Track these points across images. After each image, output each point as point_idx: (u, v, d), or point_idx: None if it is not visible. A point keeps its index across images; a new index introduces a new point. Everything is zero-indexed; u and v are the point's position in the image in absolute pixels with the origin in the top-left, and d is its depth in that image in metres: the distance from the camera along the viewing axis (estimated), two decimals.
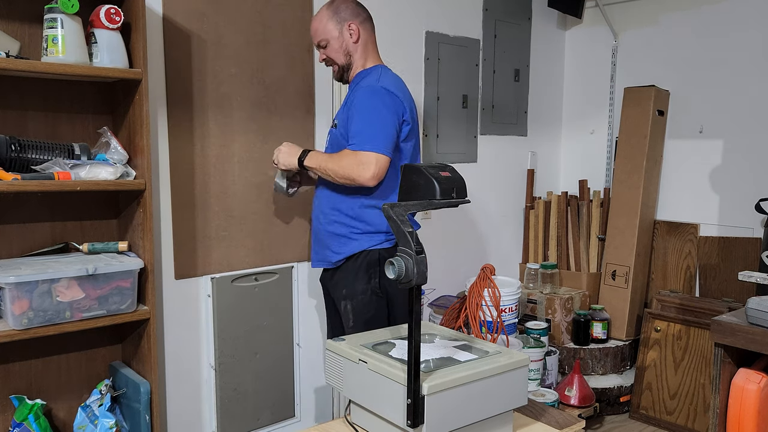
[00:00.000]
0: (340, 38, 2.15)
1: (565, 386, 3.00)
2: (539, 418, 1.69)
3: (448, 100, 3.25)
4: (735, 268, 3.18)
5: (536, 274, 3.45)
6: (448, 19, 3.21)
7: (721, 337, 2.07)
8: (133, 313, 1.99)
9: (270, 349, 2.62)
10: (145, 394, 2.02)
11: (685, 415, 3.09)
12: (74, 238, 2.12)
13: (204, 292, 2.44)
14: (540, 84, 3.79)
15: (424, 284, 1.37)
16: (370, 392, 1.50)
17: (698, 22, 3.37)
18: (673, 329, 3.18)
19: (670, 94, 3.50)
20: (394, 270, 1.32)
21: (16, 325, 1.79)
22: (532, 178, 3.79)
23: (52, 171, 1.84)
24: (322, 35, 2.17)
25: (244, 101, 2.48)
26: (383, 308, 2.13)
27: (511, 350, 1.60)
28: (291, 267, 2.67)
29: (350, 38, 2.15)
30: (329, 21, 2.15)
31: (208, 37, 2.36)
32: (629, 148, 3.45)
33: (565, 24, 3.93)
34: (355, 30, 2.15)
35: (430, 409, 1.37)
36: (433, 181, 1.44)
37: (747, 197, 3.20)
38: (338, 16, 2.14)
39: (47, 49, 1.83)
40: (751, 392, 2.04)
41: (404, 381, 1.37)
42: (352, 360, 1.55)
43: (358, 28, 2.15)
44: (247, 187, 2.52)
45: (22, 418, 1.94)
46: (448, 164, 1.56)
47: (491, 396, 1.49)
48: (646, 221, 3.45)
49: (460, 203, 1.50)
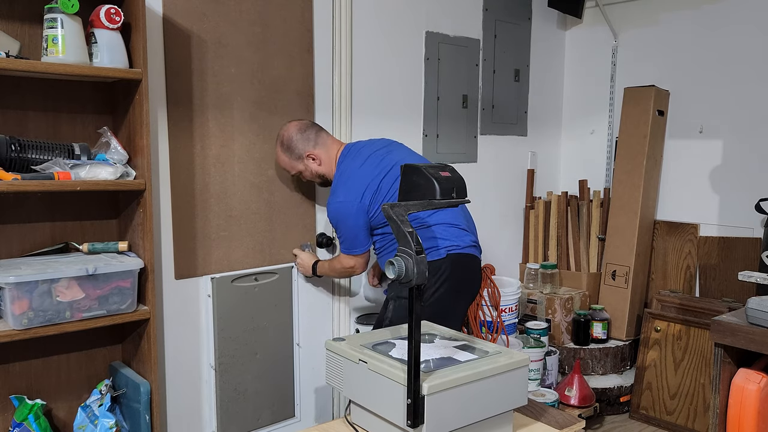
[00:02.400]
0: (308, 168, 2.41)
1: (565, 386, 3.00)
2: (539, 418, 1.69)
3: (448, 100, 3.25)
4: (735, 268, 3.18)
5: (536, 274, 3.45)
6: (448, 19, 3.21)
7: (721, 337, 2.08)
8: (133, 313, 1.99)
9: (270, 349, 2.62)
10: (145, 394, 2.02)
11: (685, 415, 3.09)
12: (74, 238, 2.11)
13: (204, 292, 2.44)
14: (540, 84, 3.79)
15: (425, 284, 1.37)
16: (370, 392, 1.50)
17: (698, 22, 3.37)
18: (673, 329, 3.18)
19: (670, 94, 3.50)
20: (394, 270, 1.32)
21: (16, 325, 1.79)
22: (532, 178, 3.79)
23: (52, 171, 1.84)
24: (292, 170, 2.45)
25: (244, 101, 2.48)
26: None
27: (511, 350, 1.60)
28: (291, 267, 2.67)
29: (314, 163, 2.40)
30: (291, 160, 2.42)
31: (208, 37, 2.36)
32: (629, 148, 3.45)
33: (565, 24, 3.93)
34: (316, 156, 2.39)
35: (430, 409, 1.37)
36: (433, 181, 1.44)
37: (747, 197, 3.20)
38: (294, 153, 2.40)
39: (47, 49, 1.83)
40: (751, 392, 2.04)
41: (404, 381, 1.37)
42: (352, 360, 1.55)
43: (317, 153, 2.39)
44: (247, 187, 2.52)
45: (22, 418, 1.94)
46: (448, 164, 1.56)
47: (491, 396, 1.49)
48: (646, 221, 3.45)
49: (460, 203, 1.50)
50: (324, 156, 2.39)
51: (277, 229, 2.62)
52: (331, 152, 2.40)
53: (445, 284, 2.17)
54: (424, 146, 3.16)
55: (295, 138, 2.39)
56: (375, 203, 2.24)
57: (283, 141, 2.41)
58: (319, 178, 2.44)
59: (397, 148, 2.40)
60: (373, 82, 2.92)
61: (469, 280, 2.27)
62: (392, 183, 2.25)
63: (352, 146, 2.40)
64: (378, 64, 2.93)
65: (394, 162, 2.29)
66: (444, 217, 2.26)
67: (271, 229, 2.60)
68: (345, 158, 2.36)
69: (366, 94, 2.90)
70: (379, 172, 2.26)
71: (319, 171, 2.40)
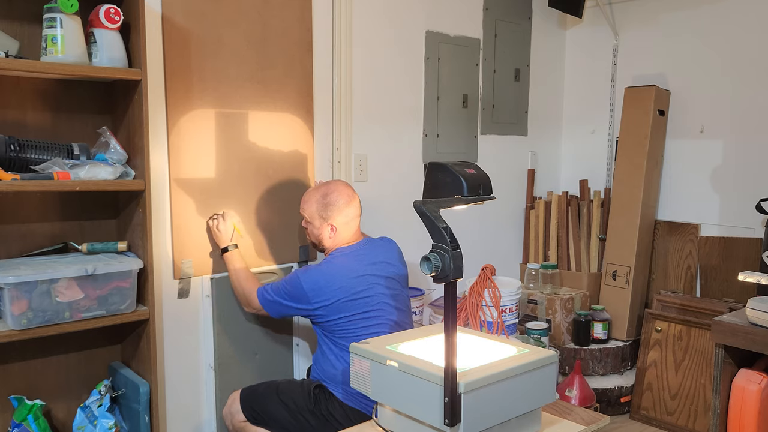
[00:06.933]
0: (321, 233, 2.30)
1: (565, 387, 3.00)
2: (565, 416, 1.70)
3: (448, 99, 3.24)
4: (736, 268, 3.17)
5: (537, 274, 3.44)
6: (448, 19, 3.21)
7: (722, 337, 2.07)
8: (132, 313, 1.99)
9: (270, 349, 2.62)
10: (145, 394, 2.01)
11: (685, 415, 3.09)
12: (73, 238, 2.11)
13: (204, 292, 2.43)
14: (540, 84, 3.79)
15: (460, 279, 1.37)
16: (401, 394, 1.49)
17: (699, 21, 3.36)
18: (673, 329, 3.17)
19: (670, 93, 3.49)
20: (430, 266, 1.32)
21: (15, 325, 1.78)
22: (532, 178, 3.79)
23: (51, 171, 1.84)
24: (308, 219, 2.32)
25: (244, 101, 2.47)
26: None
27: (537, 347, 1.60)
28: (291, 267, 2.66)
29: (329, 233, 2.29)
30: (316, 213, 2.29)
31: (208, 36, 2.36)
32: (630, 148, 3.45)
33: (566, 23, 3.93)
34: (336, 231, 2.28)
35: (467, 407, 1.36)
36: (460, 178, 1.44)
37: (748, 197, 3.19)
38: (325, 213, 2.27)
39: (46, 48, 1.83)
40: (752, 393, 2.04)
41: (439, 381, 1.36)
42: (380, 362, 1.53)
43: (340, 231, 2.28)
44: (247, 187, 2.51)
45: (21, 419, 1.93)
46: (472, 162, 1.56)
47: (523, 393, 1.49)
48: (646, 221, 3.45)
49: (486, 200, 1.50)
50: (339, 237, 2.29)
51: (276, 229, 2.61)
52: (345, 238, 2.30)
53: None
54: (424, 146, 3.16)
55: (339, 204, 2.27)
56: (325, 316, 2.18)
57: (328, 195, 2.28)
58: (319, 245, 2.34)
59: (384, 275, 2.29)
60: (373, 81, 2.92)
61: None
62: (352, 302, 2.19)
63: (355, 253, 2.28)
64: (378, 63, 2.93)
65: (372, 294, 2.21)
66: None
67: (271, 229, 2.59)
68: (346, 257, 2.25)
69: (366, 94, 2.90)
70: (351, 293, 2.18)
71: (323, 241, 2.30)
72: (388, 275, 2.28)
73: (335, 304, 2.15)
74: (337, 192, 2.29)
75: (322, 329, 2.24)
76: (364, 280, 2.20)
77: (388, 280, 2.27)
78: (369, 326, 2.17)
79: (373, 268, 2.24)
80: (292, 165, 2.65)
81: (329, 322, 2.19)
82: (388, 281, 2.27)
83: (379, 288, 2.22)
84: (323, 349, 2.25)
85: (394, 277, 2.30)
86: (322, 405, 2.15)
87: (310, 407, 2.15)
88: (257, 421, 2.21)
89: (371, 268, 2.24)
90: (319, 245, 2.34)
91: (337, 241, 2.29)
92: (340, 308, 2.16)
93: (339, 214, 2.27)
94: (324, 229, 2.28)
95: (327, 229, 2.28)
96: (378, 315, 2.20)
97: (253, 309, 2.31)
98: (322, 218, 2.28)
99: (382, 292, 2.23)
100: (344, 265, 2.21)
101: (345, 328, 2.17)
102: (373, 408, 1.68)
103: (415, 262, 1.87)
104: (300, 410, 2.15)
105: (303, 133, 2.67)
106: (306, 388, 2.21)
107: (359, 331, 2.15)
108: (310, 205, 2.30)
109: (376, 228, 2.85)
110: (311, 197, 2.31)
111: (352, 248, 2.28)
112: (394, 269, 2.32)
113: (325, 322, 2.19)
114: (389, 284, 2.27)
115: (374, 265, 2.26)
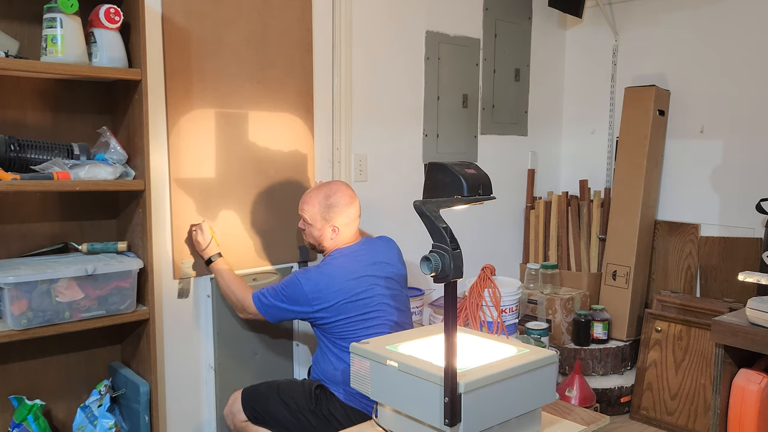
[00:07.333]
0: (321, 234, 2.28)
1: (565, 387, 3.00)
2: (565, 416, 1.70)
3: (448, 99, 3.24)
4: (736, 268, 3.17)
5: (537, 274, 3.44)
6: (448, 19, 3.21)
7: (722, 337, 2.07)
8: (132, 313, 1.99)
9: (270, 349, 2.62)
10: (145, 394, 2.01)
11: (685, 415, 3.09)
12: (73, 238, 2.11)
13: (204, 292, 2.43)
14: (540, 84, 3.79)
15: (460, 279, 1.36)
16: (401, 394, 1.49)
17: (699, 21, 3.36)
18: (673, 329, 3.17)
19: (670, 93, 3.49)
20: (430, 266, 1.32)
21: (15, 325, 1.78)
22: (532, 178, 3.79)
23: (51, 171, 1.83)
24: (308, 220, 2.29)
25: (244, 101, 2.47)
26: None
27: (537, 347, 1.60)
28: (291, 267, 2.66)
29: (330, 234, 2.27)
30: (318, 214, 2.27)
31: (208, 36, 2.36)
32: (630, 148, 3.45)
33: (566, 23, 3.93)
34: (338, 232, 2.27)
35: (467, 407, 1.36)
36: (460, 178, 1.44)
37: (748, 197, 3.19)
38: (327, 214, 2.25)
39: (46, 48, 1.83)
40: (752, 393, 2.04)
41: (439, 381, 1.36)
42: (380, 362, 1.53)
43: (341, 231, 2.27)
44: (247, 187, 2.51)
45: (21, 419, 1.93)
46: (472, 162, 1.56)
47: (523, 393, 1.49)
48: (646, 221, 3.45)
49: (486, 200, 1.50)
50: (340, 238, 2.27)
51: (276, 229, 2.61)
52: (345, 238, 2.29)
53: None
54: (424, 146, 3.16)
55: (341, 205, 2.25)
56: (325, 318, 2.17)
57: (330, 196, 2.26)
58: (319, 246, 2.32)
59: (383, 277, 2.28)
60: (373, 81, 2.92)
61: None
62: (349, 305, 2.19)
63: (355, 254, 2.28)
64: (378, 63, 2.93)
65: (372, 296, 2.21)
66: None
67: (271, 229, 2.59)
68: (345, 258, 2.25)
69: (366, 94, 2.90)
70: (350, 296, 2.18)
71: (324, 242, 2.29)
72: (387, 275, 2.28)
73: (335, 306, 2.15)
74: (339, 193, 2.28)
75: (321, 330, 2.24)
76: (364, 281, 2.20)
77: (388, 281, 2.27)
78: (369, 327, 2.17)
79: (372, 269, 2.24)
80: (292, 165, 2.65)
81: (329, 324, 2.18)
82: (388, 281, 2.27)
83: (378, 289, 2.22)
84: (323, 349, 2.25)
85: (393, 278, 2.30)
86: (323, 405, 2.15)
87: (311, 407, 2.15)
88: (258, 421, 2.21)
89: (370, 268, 2.24)
90: (319, 246, 2.33)
91: (337, 242, 2.29)
92: (340, 310, 2.16)
93: (341, 215, 2.26)
94: (326, 230, 2.27)
95: (329, 230, 2.27)
96: (378, 315, 2.20)
97: (249, 315, 2.27)
98: (324, 219, 2.26)
99: (382, 292, 2.23)
100: (343, 267, 2.21)
101: (345, 330, 2.17)
102: (373, 408, 1.68)
103: (415, 262, 1.87)
104: (301, 410, 2.15)
105: (303, 133, 2.67)
106: (307, 388, 2.21)
107: (359, 332, 2.15)
108: (311, 206, 2.29)
109: (376, 228, 2.85)
110: (313, 198, 2.30)
111: (351, 249, 2.28)
112: (394, 269, 2.32)
113: (324, 324, 2.19)
114: (389, 284, 2.27)
115: (373, 265, 2.26)
